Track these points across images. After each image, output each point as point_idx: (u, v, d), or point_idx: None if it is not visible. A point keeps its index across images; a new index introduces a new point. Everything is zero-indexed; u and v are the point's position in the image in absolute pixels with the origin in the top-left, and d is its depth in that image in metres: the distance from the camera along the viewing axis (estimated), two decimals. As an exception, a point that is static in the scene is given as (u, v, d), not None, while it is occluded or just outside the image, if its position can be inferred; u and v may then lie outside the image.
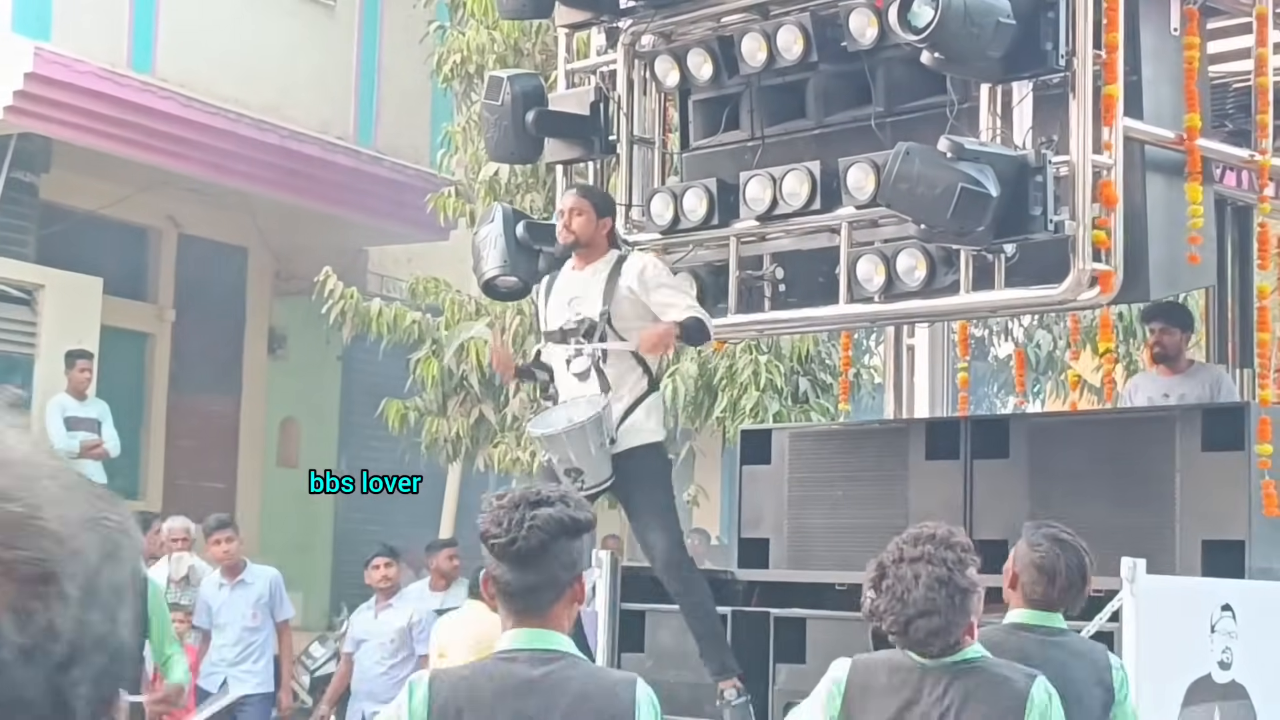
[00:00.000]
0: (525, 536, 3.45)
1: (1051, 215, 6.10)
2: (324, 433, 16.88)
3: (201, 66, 13.96)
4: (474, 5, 12.73)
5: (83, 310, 13.82)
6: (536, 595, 3.50)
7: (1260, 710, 6.52)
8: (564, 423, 6.94)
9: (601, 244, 7.12)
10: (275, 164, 14.49)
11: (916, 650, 4.16)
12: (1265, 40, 6.90)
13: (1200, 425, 7.12)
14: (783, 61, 7.09)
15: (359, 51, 15.82)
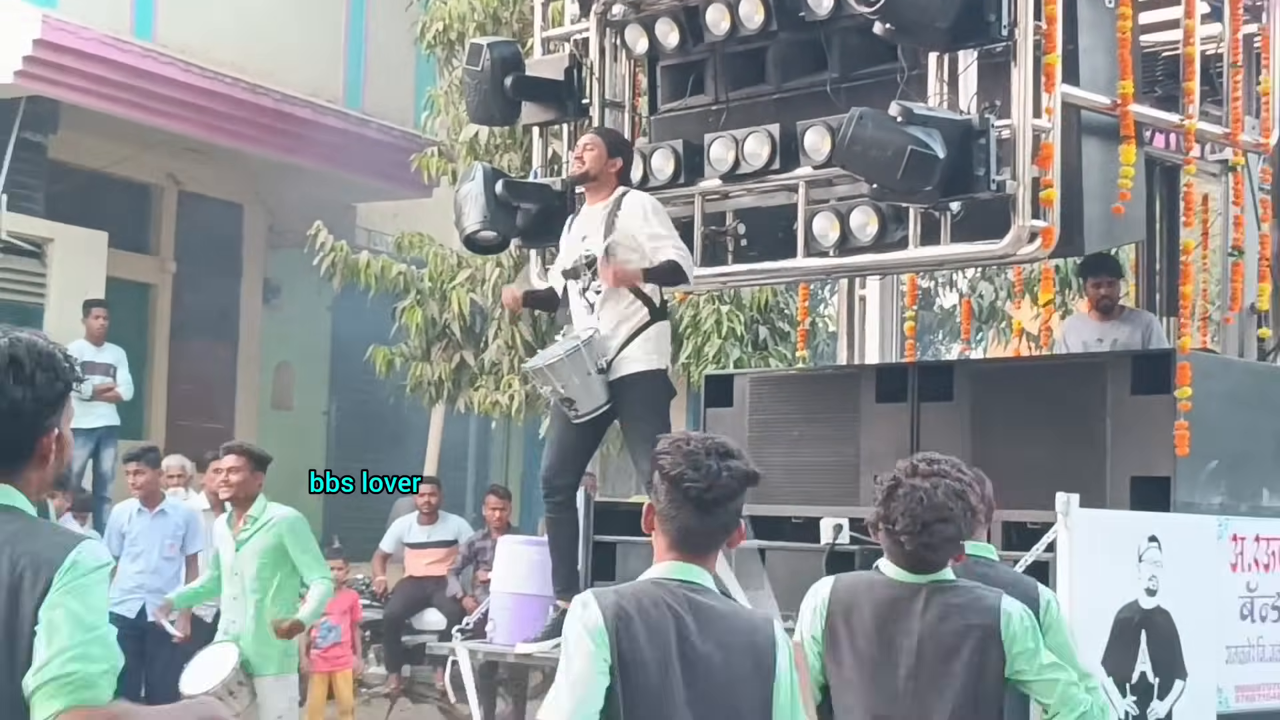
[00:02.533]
0: (722, 485, 3.41)
1: (994, 175, 6.12)
2: (315, 377, 16.88)
3: (199, 33, 13.88)
4: (454, -26, 12.70)
5: (89, 263, 13.75)
6: (711, 538, 3.46)
7: (1182, 631, 6.54)
8: (552, 356, 6.97)
9: (610, 181, 7.10)
10: (269, 125, 14.44)
11: (918, 561, 4.15)
12: (1193, 13, 6.90)
13: (1130, 370, 7.13)
14: (745, 30, 7.06)
15: (348, 19, 15.75)
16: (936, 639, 4.08)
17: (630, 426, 7.13)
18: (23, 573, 2.80)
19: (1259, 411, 7.30)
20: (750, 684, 3.42)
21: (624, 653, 3.29)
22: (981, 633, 4.08)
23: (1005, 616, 4.09)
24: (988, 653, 4.08)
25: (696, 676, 3.35)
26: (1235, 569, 6.85)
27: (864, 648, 4.13)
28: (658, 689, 3.31)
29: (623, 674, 3.28)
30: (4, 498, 2.90)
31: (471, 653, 7.60)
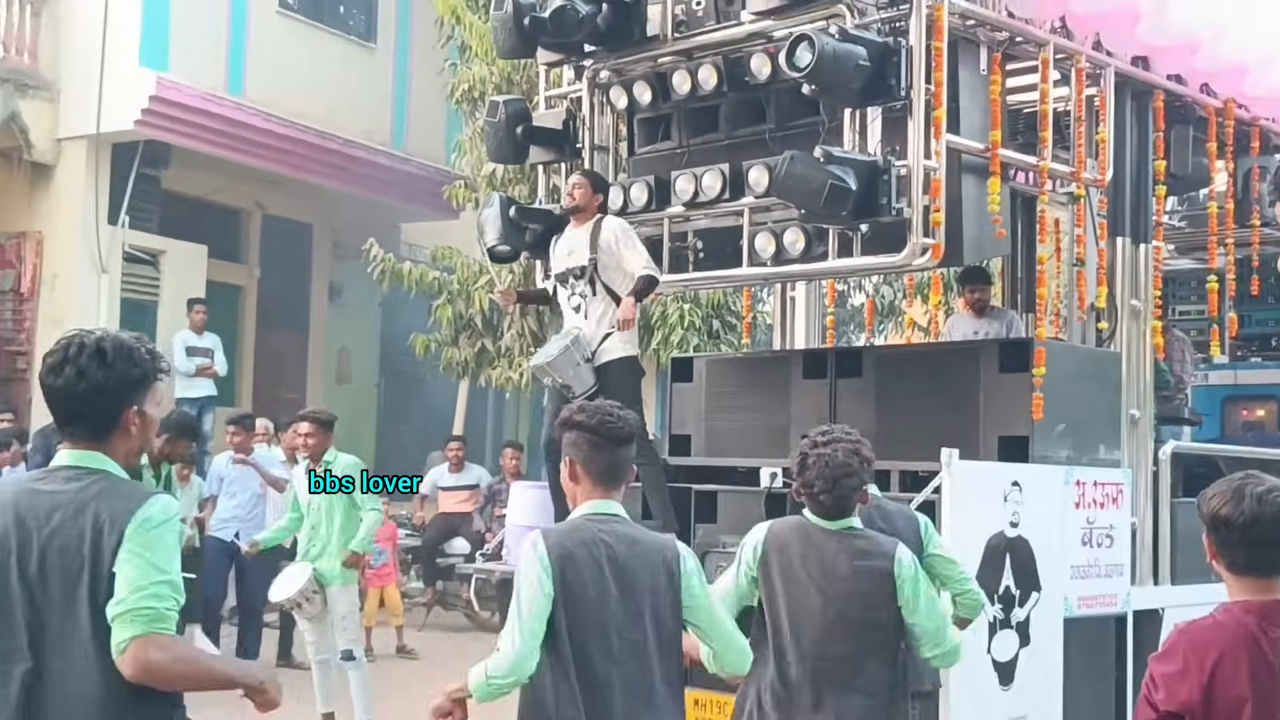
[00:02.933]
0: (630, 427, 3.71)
1: (894, 204, 6.18)
2: (369, 358, 16.94)
3: (279, 90, 13.91)
4: (477, 48, 12.73)
5: (192, 270, 13.88)
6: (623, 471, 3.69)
7: (1037, 554, 6.63)
8: (549, 355, 7.03)
9: (593, 210, 7.19)
10: (333, 162, 14.49)
11: (832, 511, 4.17)
12: (1047, 79, 6.93)
13: (997, 354, 7.19)
14: (702, 91, 7.09)
15: (394, 80, 15.77)
16: (846, 570, 4.12)
17: (611, 399, 7.18)
18: (103, 525, 2.79)
19: (1096, 386, 7.35)
20: (665, 586, 3.56)
21: (567, 578, 3.42)
22: (880, 570, 4.14)
23: (898, 560, 4.15)
24: (883, 584, 4.13)
25: (625, 585, 3.49)
26: (1078, 507, 6.92)
27: (793, 575, 4.16)
28: (597, 600, 3.44)
29: (566, 594, 3.41)
30: (95, 462, 2.91)
31: (490, 572, 7.67)
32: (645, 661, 3.49)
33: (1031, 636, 6.61)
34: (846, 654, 4.10)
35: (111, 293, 13.02)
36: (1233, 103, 8.03)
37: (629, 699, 3.44)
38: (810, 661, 4.10)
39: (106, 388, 2.90)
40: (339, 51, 15.20)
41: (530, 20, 7.29)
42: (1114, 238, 7.55)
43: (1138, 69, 7.50)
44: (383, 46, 15.73)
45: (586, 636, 3.43)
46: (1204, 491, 3.13)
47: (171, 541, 2.85)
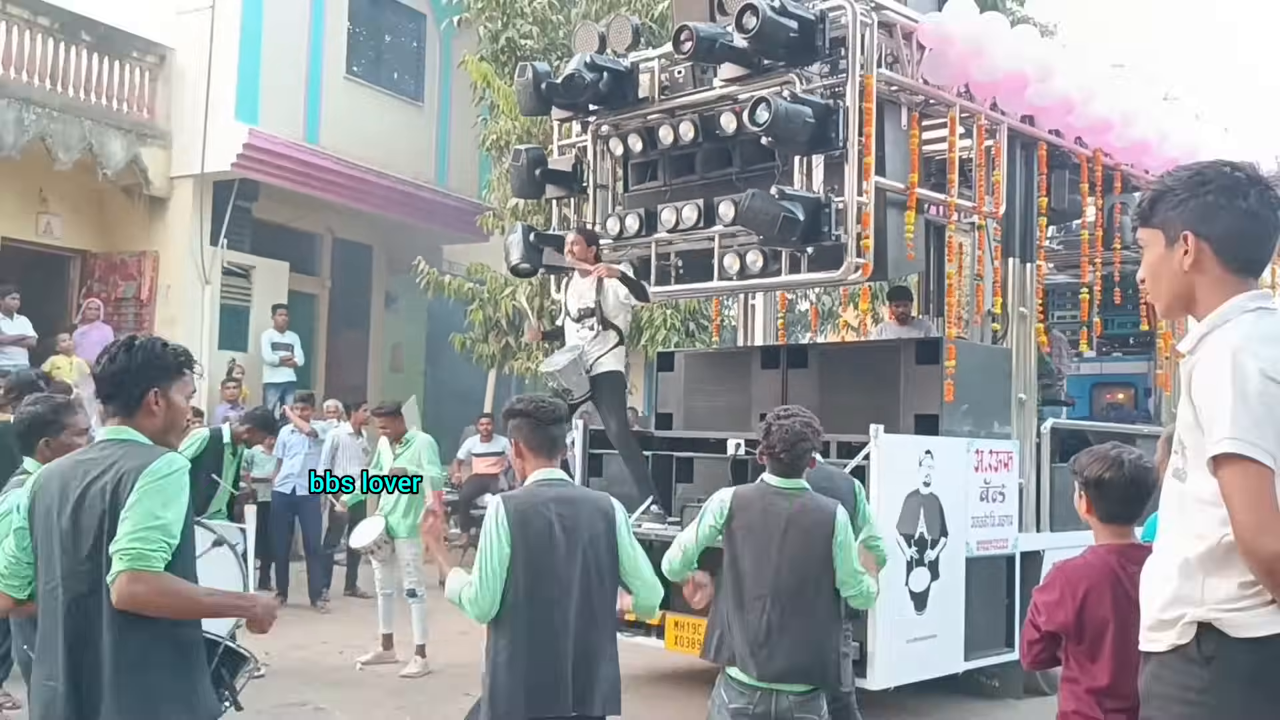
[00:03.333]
0: (562, 409, 3.71)
1: (834, 231, 6.21)
2: (417, 352, 16.82)
3: (346, 139, 13.83)
4: (504, 106, 12.67)
5: (277, 281, 13.78)
6: (559, 444, 3.69)
7: (945, 506, 6.67)
8: (557, 364, 7.00)
9: (590, 261, 7.06)
10: (388, 196, 14.39)
11: (789, 469, 4.14)
12: (954, 132, 6.96)
13: (915, 350, 7.22)
14: (683, 141, 7.09)
15: (436, 131, 15.68)
16: (797, 524, 4.11)
17: (604, 403, 7.12)
18: (121, 477, 2.75)
19: (992, 376, 7.37)
20: (602, 533, 3.58)
21: (523, 534, 3.44)
22: (823, 523, 4.11)
23: (837, 518, 4.13)
24: (825, 535, 4.10)
25: (570, 534, 3.50)
26: (977, 470, 6.95)
27: (754, 527, 4.12)
28: (548, 548, 3.46)
29: (523, 545, 3.43)
30: (125, 434, 2.88)
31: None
32: (588, 592, 3.51)
33: (940, 573, 6.64)
34: (796, 588, 4.09)
35: (213, 300, 12.96)
36: (1100, 152, 8.06)
37: (578, 621, 3.47)
38: (769, 594, 4.10)
39: (129, 370, 2.88)
40: (393, 109, 15.13)
41: (546, 85, 7.29)
42: (1006, 258, 7.57)
43: (1025, 125, 7.52)
44: (428, 105, 15.65)
45: (541, 576, 3.46)
46: (1077, 459, 3.14)
47: (172, 491, 2.75)
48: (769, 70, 6.50)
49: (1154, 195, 2.18)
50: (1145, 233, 2.19)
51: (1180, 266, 2.11)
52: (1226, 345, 1.94)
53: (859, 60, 6.28)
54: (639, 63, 7.32)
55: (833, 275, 6.42)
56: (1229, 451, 1.85)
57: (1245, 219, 2.06)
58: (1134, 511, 3.02)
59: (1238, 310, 2.02)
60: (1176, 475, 2.07)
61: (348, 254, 15.52)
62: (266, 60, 13.13)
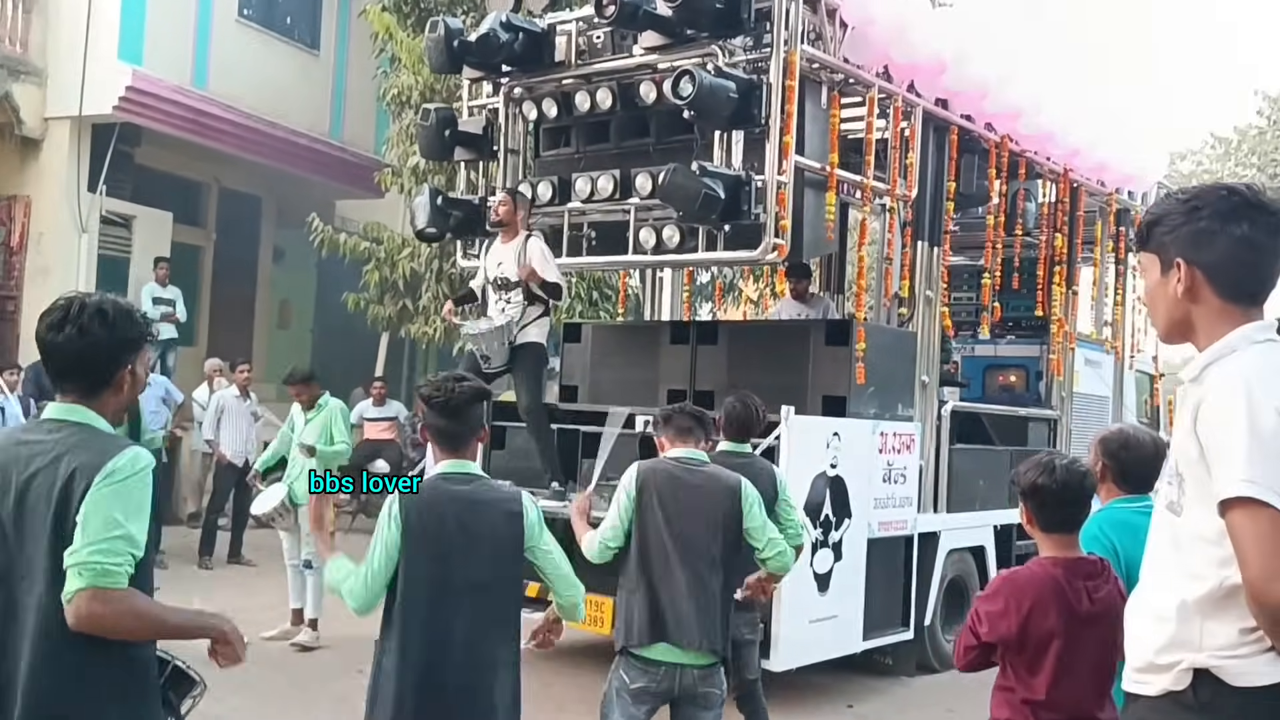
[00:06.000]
0: (462, 396, 3.33)
1: (753, 210, 6.12)
2: (305, 310, 16.26)
3: (237, 85, 13.18)
4: (406, 60, 12.22)
5: (159, 232, 13.09)
6: (466, 436, 3.33)
7: (850, 489, 6.69)
8: (479, 329, 6.78)
9: (516, 226, 6.88)
10: (279, 147, 13.77)
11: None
12: (872, 114, 6.92)
13: (824, 331, 7.21)
14: (599, 109, 6.93)
15: (334, 81, 15.09)
16: (703, 492, 4.08)
17: (520, 373, 6.96)
18: (73, 473, 2.36)
19: (897, 358, 7.39)
20: (506, 533, 3.31)
21: (416, 532, 3.18)
22: (728, 491, 4.11)
23: (743, 487, 4.13)
24: (731, 501, 4.10)
25: (470, 534, 3.24)
26: (882, 452, 6.99)
27: (661, 494, 4.08)
28: (444, 548, 3.21)
29: (416, 544, 3.18)
30: (80, 415, 2.47)
31: (413, 493, 7.45)
32: (488, 597, 3.27)
33: (844, 554, 6.67)
34: (704, 557, 4.06)
35: (90, 250, 12.25)
36: (1008, 138, 8.11)
37: (474, 629, 3.23)
38: (677, 564, 4.03)
39: (106, 346, 2.49)
40: (288, 56, 14.49)
41: (459, 43, 7.02)
42: (916, 241, 7.57)
43: (940, 109, 7.51)
44: (325, 54, 15.04)
45: (435, 579, 3.21)
46: (1017, 470, 3.10)
47: (139, 494, 2.39)
48: (691, 41, 6.35)
49: (1150, 219, 2.10)
50: (1143, 257, 2.11)
51: (1175, 294, 2.03)
52: (1239, 380, 1.87)
53: (784, 36, 6.16)
54: (556, 25, 7.11)
55: (750, 255, 6.34)
56: (1243, 495, 1.78)
57: (1241, 246, 1.99)
58: (1072, 519, 2.99)
59: (1245, 341, 1.95)
60: (1171, 509, 2.01)
61: (235, 205, 14.85)
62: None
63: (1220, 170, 27.36)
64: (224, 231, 14.73)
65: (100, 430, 2.49)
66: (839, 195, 7.58)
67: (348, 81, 15.00)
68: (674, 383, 7.53)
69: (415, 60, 11.76)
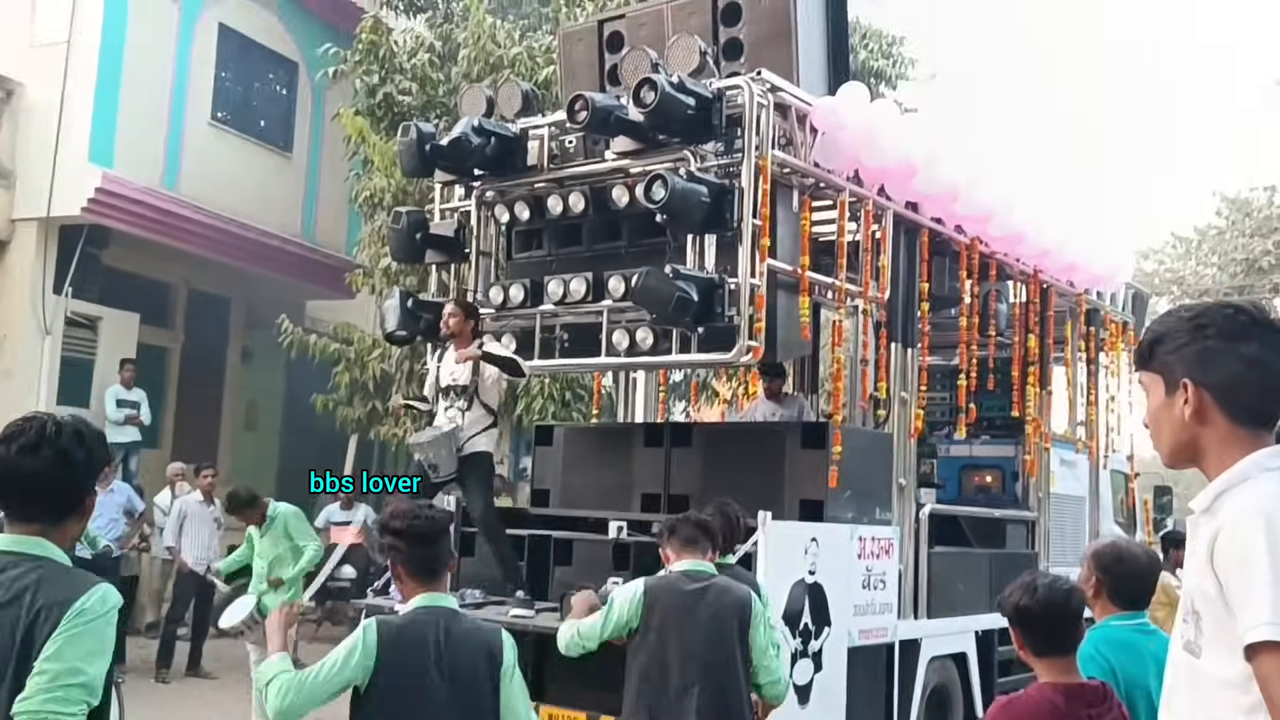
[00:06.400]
0: (438, 524, 3.22)
1: (727, 312, 6.06)
2: (273, 411, 16.03)
3: (207, 187, 13.21)
4: (379, 163, 12.26)
5: (125, 333, 12.94)
6: (441, 564, 3.22)
7: (829, 596, 6.50)
8: (425, 439, 6.63)
9: (467, 335, 6.77)
10: (249, 248, 13.75)
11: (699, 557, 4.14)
12: (843, 218, 6.92)
13: (800, 433, 7.11)
14: (571, 213, 6.89)
15: (306, 183, 15.17)
16: (711, 608, 3.99)
17: (471, 484, 6.78)
18: (39, 611, 2.22)
19: (874, 461, 7.27)
20: (485, 674, 3.16)
21: (388, 661, 3.04)
22: (739, 608, 4.01)
23: (753, 603, 4.05)
24: (744, 618, 4.01)
25: (449, 673, 3.09)
26: (860, 557, 6.83)
27: (667, 615, 3.98)
28: (420, 686, 3.06)
29: (390, 678, 3.03)
30: (39, 549, 2.32)
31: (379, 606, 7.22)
32: None
33: (824, 664, 6.46)
34: (717, 675, 3.98)
35: (53, 352, 12.07)
36: (978, 240, 8.16)
37: None
38: (695, 683, 3.94)
39: (81, 470, 2.38)
40: (261, 158, 14.56)
41: (431, 147, 7.00)
42: (891, 343, 7.54)
43: (910, 212, 7.55)
44: (298, 156, 15.12)
45: (408, 716, 3.06)
46: (1001, 596, 2.98)
47: (102, 636, 2.24)
48: (663, 145, 6.35)
49: (1153, 337, 2.03)
50: (1145, 376, 2.03)
51: (1182, 416, 1.95)
52: (1258, 514, 1.77)
53: (754, 141, 6.18)
54: (528, 129, 7.11)
55: (725, 356, 6.24)
56: (1272, 640, 1.67)
57: (1249, 366, 1.92)
58: (1064, 641, 2.86)
59: (1257, 469, 1.86)
60: (1189, 649, 1.89)
61: (204, 306, 14.74)
62: (126, 101, 12.47)
63: (1182, 269, 27.87)
64: (192, 332, 14.58)
65: (61, 563, 2.34)
66: (811, 297, 7.62)
67: (320, 183, 15.06)
68: (648, 486, 7.39)
69: (388, 163, 11.81)
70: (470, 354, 6.61)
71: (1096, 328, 9.97)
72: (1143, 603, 3.13)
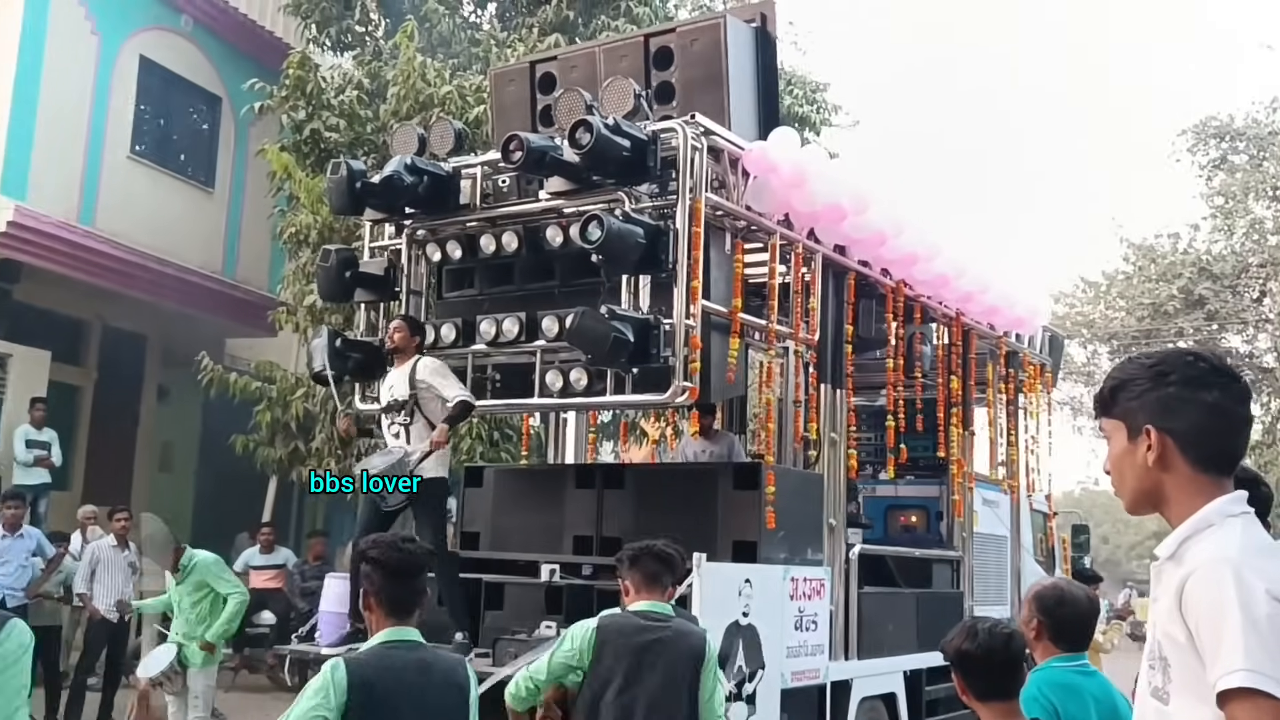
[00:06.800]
0: (418, 559, 3.21)
1: (662, 353, 6.05)
2: (189, 452, 15.60)
3: (125, 222, 12.90)
4: (306, 199, 12.08)
5: (36, 371, 12.48)
6: (416, 600, 3.18)
7: (763, 638, 6.47)
8: (376, 467, 6.49)
9: (411, 352, 6.71)
10: (167, 285, 13.43)
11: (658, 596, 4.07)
12: (775, 260, 6.97)
13: (733, 474, 7.11)
14: (504, 252, 6.85)
15: (227, 218, 14.89)
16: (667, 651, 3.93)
17: (422, 512, 6.66)
18: None
19: (806, 501, 7.29)
20: (456, 704, 3.18)
21: (364, 705, 2.97)
22: (694, 655, 3.96)
23: (707, 649, 4.01)
24: (697, 666, 3.96)
25: (422, 707, 3.06)
26: (793, 598, 6.82)
27: (620, 658, 3.91)
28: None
29: (357, 711, 2.96)
30: None
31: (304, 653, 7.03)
32: None
33: (758, 707, 6.42)
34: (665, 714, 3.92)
35: (-41, 390, 11.64)
36: (903, 283, 8.28)
37: None
38: None
39: None
40: (180, 192, 14.28)
41: (361, 185, 6.91)
42: (821, 384, 7.59)
43: (838, 255, 7.64)
44: (219, 191, 14.86)
45: None
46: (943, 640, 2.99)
47: (17, 672, 2.19)
48: (598, 186, 6.35)
49: (1114, 384, 2.05)
50: (1107, 424, 2.05)
51: (1145, 462, 1.96)
52: (1225, 561, 1.79)
53: (689, 184, 6.20)
54: (460, 168, 7.06)
55: (660, 398, 6.22)
56: (1245, 686, 1.68)
57: (1212, 414, 1.94)
58: (1005, 685, 2.86)
59: (1221, 515, 1.89)
60: (1156, 695, 1.89)
61: (119, 343, 14.31)
62: (41, 132, 12.15)
63: (1092, 312, 28.66)
64: (105, 370, 14.15)
65: None
66: (742, 338, 7.65)
67: (242, 219, 14.81)
68: (580, 529, 7.32)
69: (314, 199, 11.64)
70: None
71: (1016, 369, 10.17)
72: (1083, 644, 3.15)
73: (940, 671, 8.26)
